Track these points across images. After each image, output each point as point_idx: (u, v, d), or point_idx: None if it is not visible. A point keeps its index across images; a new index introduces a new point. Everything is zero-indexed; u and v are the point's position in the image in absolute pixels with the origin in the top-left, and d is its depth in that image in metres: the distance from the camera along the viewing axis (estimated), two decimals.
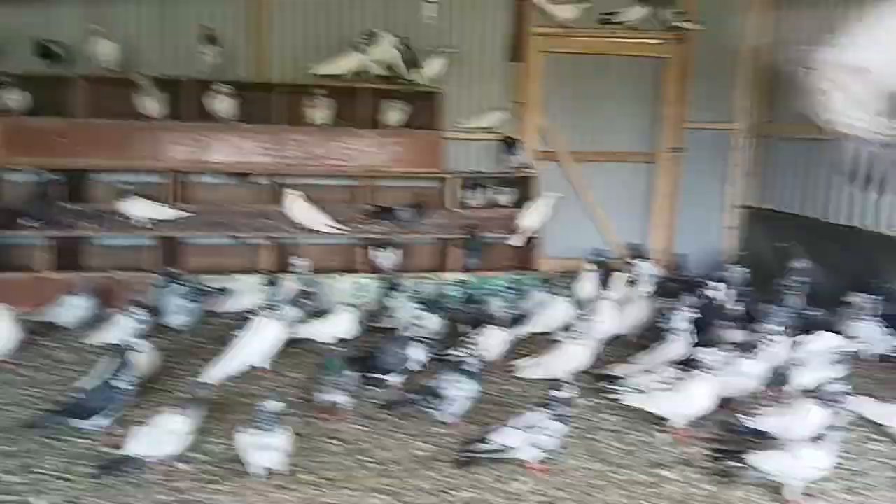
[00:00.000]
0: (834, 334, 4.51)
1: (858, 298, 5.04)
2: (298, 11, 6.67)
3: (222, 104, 6.04)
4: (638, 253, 6.58)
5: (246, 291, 5.50)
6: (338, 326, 4.65)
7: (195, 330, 5.23)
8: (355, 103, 6.36)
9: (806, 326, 4.65)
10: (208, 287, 5.56)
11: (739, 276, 6.47)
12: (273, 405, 3.10)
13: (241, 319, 4.67)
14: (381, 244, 6.07)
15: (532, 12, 6.86)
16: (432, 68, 6.38)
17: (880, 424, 3.81)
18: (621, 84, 7.32)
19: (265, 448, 3.06)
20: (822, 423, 3.21)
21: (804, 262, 5.93)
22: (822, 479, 3.15)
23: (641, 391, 3.74)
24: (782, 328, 4.30)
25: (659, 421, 3.74)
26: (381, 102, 6.38)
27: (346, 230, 6.06)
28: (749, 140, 7.47)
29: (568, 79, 7.21)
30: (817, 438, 3.08)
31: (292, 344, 4.68)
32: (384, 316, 5.33)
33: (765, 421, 3.50)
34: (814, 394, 3.49)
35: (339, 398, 3.75)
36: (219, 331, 5.13)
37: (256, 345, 4.22)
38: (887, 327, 4.68)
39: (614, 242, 7.42)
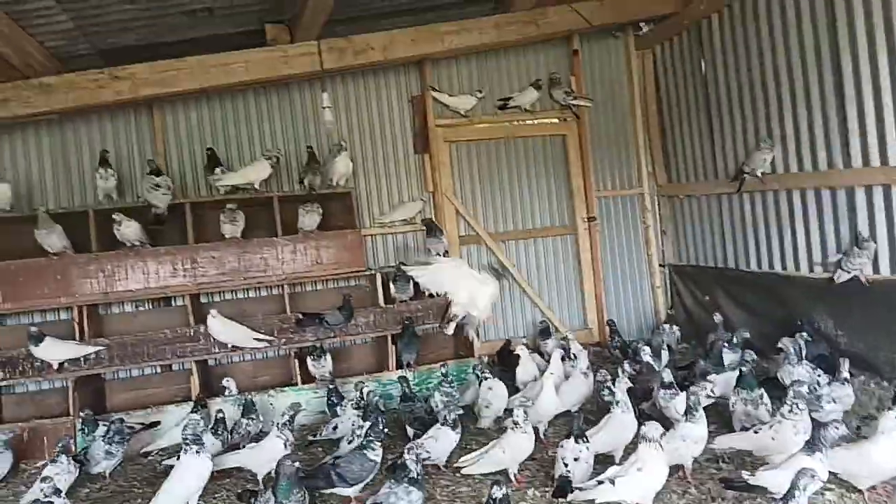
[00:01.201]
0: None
1: (788, 343, 5.18)
2: (196, 127, 6.69)
3: (128, 229, 5.85)
4: (545, 330, 6.64)
5: (178, 423, 5.15)
6: (270, 451, 4.36)
7: (123, 473, 4.87)
8: (268, 212, 6.31)
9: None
10: (133, 424, 5.22)
11: (673, 335, 6.63)
12: None
13: (175, 454, 4.37)
14: (314, 351, 5.87)
15: (432, 106, 7.11)
16: (339, 167, 6.40)
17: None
18: (530, 163, 7.57)
19: None
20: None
21: (718, 317, 6.13)
22: None
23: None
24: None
25: None
26: (295, 208, 6.32)
27: (272, 341, 5.86)
28: (657, 201, 7.79)
29: (477, 163, 7.42)
30: None
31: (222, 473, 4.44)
32: (328, 427, 5.11)
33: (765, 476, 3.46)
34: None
35: None
36: (149, 471, 4.83)
37: (183, 484, 3.92)
38: (814, 368, 4.79)
39: (550, 317, 7.47)
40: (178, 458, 4.06)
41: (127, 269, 5.96)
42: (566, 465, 3.85)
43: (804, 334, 5.13)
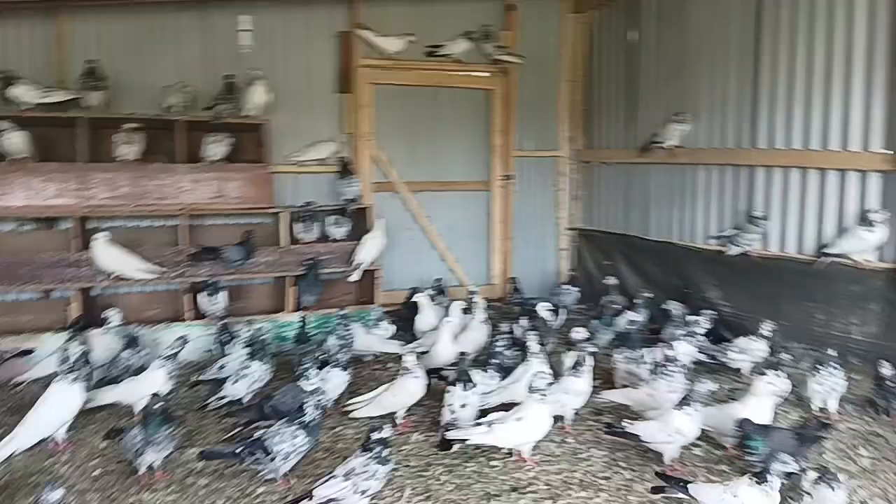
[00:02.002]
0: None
1: (675, 307, 5.38)
2: (105, 38, 6.15)
3: (16, 139, 5.38)
4: (439, 288, 6.59)
5: (53, 352, 4.85)
6: (150, 384, 4.17)
7: None
8: (171, 137, 5.94)
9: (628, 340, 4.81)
10: (6, 351, 4.88)
11: (572, 296, 6.78)
12: (56, 496, 2.69)
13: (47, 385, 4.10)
14: (208, 288, 5.64)
15: (359, 44, 6.84)
16: (254, 97, 6.09)
17: None
18: (453, 115, 7.46)
19: None
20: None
21: (612, 280, 6.32)
22: None
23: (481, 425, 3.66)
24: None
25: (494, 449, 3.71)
26: (201, 136, 5.98)
27: (162, 274, 5.58)
28: (573, 166, 7.87)
29: (399, 110, 7.24)
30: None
31: (99, 409, 4.21)
32: (214, 366, 4.94)
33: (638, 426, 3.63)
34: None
35: (155, 456, 3.40)
36: (19, 400, 4.52)
37: (48, 414, 3.69)
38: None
39: (455, 271, 7.50)
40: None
41: (10, 185, 5.50)
42: (452, 413, 3.88)
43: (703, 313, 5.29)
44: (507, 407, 3.89)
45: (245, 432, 3.81)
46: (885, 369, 4.07)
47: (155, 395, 3.57)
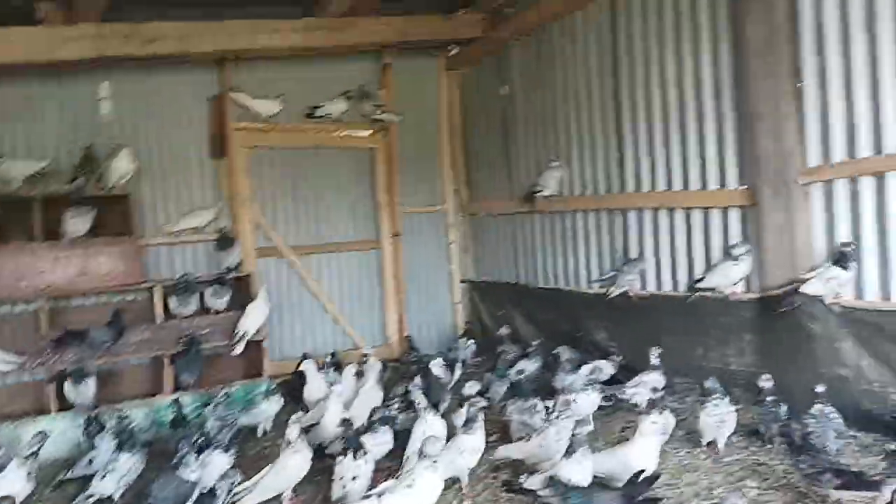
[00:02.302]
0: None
1: (564, 352, 5.43)
2: None
3: None
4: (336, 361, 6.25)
5: None
6: (6, 486, 3.71)
7: None
8: (28, 215, 5.53)
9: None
10: None
11: (469, 349, 6.74)
12: None
13: None
14: (74, 374, 5.16)
15: (232, 108, 6.69)
16: (117, 168, 5.78)
17: None
18: (336, 175, 7.39)
19: None
20: None
21: (505, 330, 6.35)
22: None
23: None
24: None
25: None
26: (61, 211, 5.58)
27: (23, 363, 5.10)
28: (460, 219, 7.96)
29: (280, 173, 7.11)
30: None
31: None
32: (82, 462, 4.49)
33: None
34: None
35: None
36: None
37: None
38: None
39: (350, 334, 7.31)
40: None
41: None
42: (344, 487, 3.66)
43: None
44: None
45: None
46: (765, 381, 4.17)
47: (5, 498, 3.17)
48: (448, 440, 3.96)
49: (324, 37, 6.70)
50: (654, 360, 4.83)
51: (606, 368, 5.25)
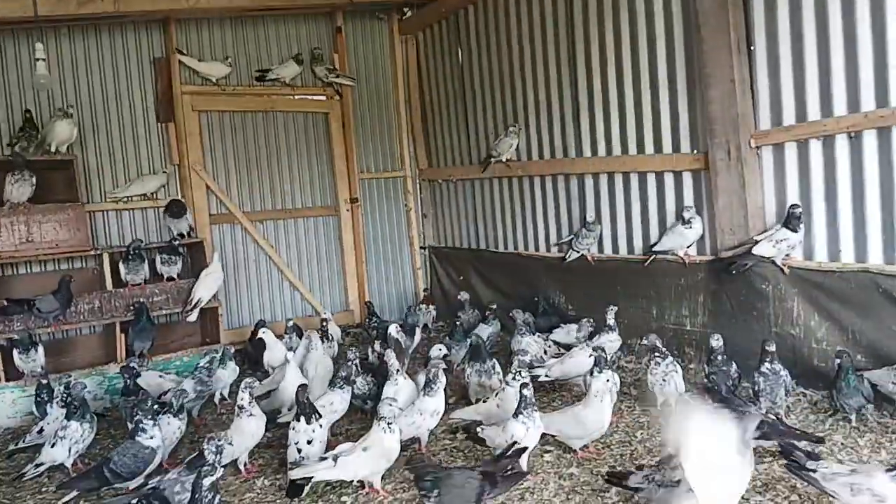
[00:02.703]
0: None
1: (519, 315, 5.45)
2: None
3: None
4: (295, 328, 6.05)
5: None
6: None
7: None
8: None
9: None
10: None
11: (428, 314, 6.76)
12: None
13: None
14: (21, 344, 4.99)
15: (179, 70, 6.46)
16: (59, 132, 5.55)
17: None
18: (291, 140, 7.23)
19: None
20: None
21: (465, 295, 6.35)
22: None
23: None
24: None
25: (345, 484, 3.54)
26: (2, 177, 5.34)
27: None
28: (419, 184, 7.90)
29: (232, 137, 6.90)
30: None
31: None
32: (33, 431, 4.39)
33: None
34: None
35: None
36: None
37: None
38: (541, 336, 5.15)
39: (310, 300, 7.24)
40: None
41: None
42: (299, 451, 3.65)
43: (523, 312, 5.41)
44: None
45: None
46: (715, 341, 4.19)
47: None
48: None
49: None
50: (611, 321, 4.89)
51: (581, 332, 5.28)
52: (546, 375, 4.56)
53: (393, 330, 5.07)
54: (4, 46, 5.85)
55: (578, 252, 5.71)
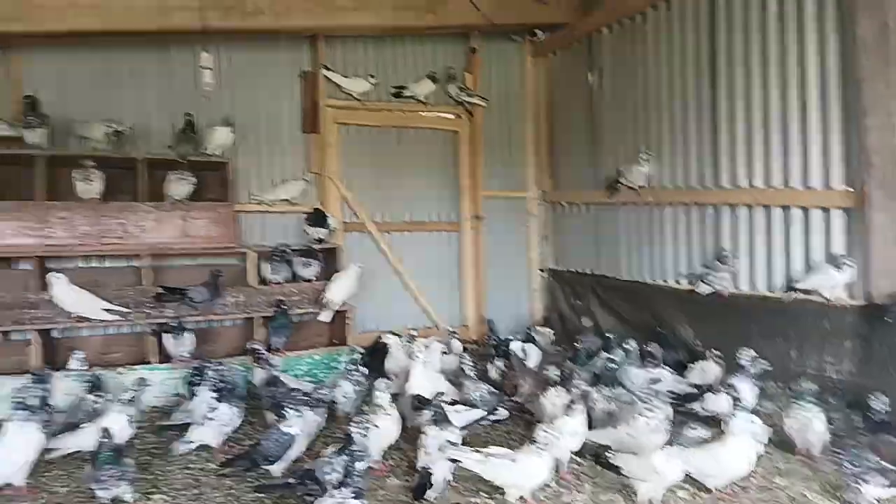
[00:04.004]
0: None
1: (650, 348, 5.34)
2: (61, 76, 6.02)
3: None
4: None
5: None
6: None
7: None
8: (132, 176, 5.81)
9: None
10: None
11: (546, 336, 6.73)
12: None
13: None
14: (174, 329, 5.42)
15: (323, 84, 6.85)
16: (217, 137, 6.02)
17: None
18: (420, 156, 7.47)
19: None
20: None
21: (588, 322, 6.27)
22: None
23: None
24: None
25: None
26: (163, 174, 5.84)
27: (126, 315, 5.37)
28: (541, 206, 7.92)
29: (366, 150, 7.22)
30: None
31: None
32: (180, 411, 4.73)
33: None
34: None
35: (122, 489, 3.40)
36: None
37: (6, 457, 3.48)
38: (672, 371, 5.00)
39: (430, 312, 7.40)
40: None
41: None
42: (428, 455, 3.73)
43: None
44: None
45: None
46: (879, 404, 3.95)
47: (105, 430, 3.47)
48: None
49: (414, 16, 6.79)
50: (746, 363, 4.63)
51: (710, 371, 5.08)
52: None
53: (517, 348, 5.10)
54: (174, 54, 6.39)
55: (711, 286, 5.52)
